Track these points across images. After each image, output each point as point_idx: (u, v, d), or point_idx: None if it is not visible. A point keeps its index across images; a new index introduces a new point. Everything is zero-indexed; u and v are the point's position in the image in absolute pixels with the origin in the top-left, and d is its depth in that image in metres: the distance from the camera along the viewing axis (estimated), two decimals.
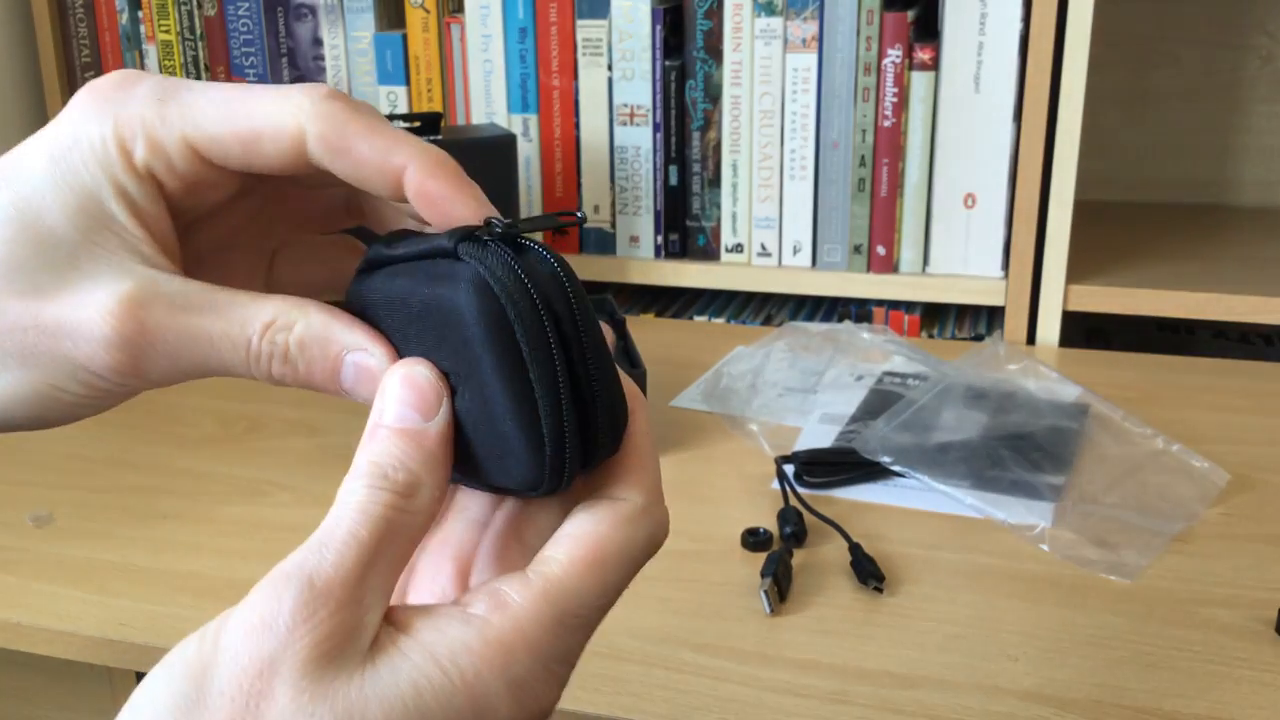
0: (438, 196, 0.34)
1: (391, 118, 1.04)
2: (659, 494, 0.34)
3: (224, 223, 0.38)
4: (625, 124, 1.19)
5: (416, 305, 0.34)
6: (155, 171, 0.34)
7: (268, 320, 0.34)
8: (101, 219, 0.33)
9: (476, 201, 0.34)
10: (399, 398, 0.33)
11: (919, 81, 1.11)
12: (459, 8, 1.23)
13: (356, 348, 0.34)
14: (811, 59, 1.13)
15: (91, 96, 0.34)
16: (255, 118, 0.33)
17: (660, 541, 0.34)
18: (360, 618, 0.29)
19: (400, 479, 0.31)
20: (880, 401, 0.97)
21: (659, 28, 1.16)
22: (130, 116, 0.33)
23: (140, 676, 0.78)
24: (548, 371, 0.32)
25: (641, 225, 1.22)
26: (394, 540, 0.31)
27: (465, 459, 0.34)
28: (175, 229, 0.35)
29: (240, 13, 1.27)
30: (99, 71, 1.33)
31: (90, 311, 0.32)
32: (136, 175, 0.34)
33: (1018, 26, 1.08)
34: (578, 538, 0.32)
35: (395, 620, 0.31)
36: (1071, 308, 1.12)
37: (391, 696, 0.29)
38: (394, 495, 0.31)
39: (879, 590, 0.73)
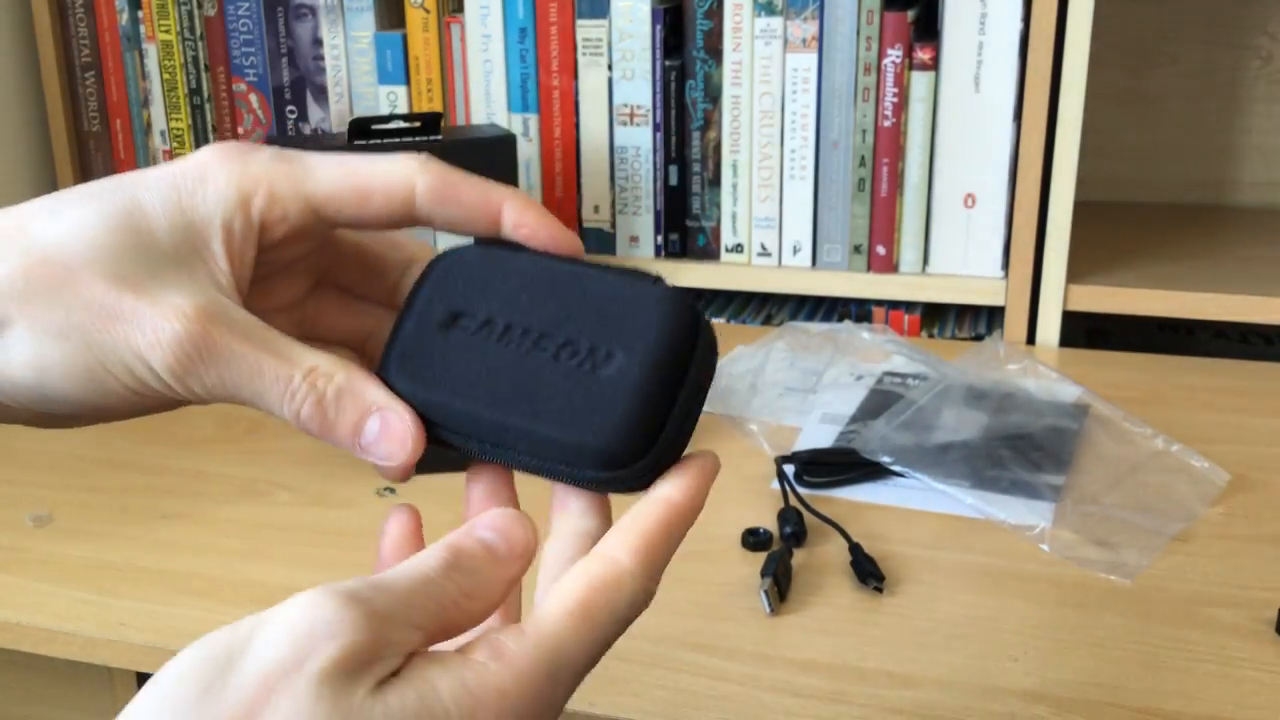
0: (535, 225, 0.39)
1: (391, 117, 1.04)
2: (654, 570, 0.36)
3: (283, 262, 0.42)
4: (625, 124, 1.19)
5: (561, 282, 0.38)
6: (267, 221, 0.38)
7: (313, 365, 0.37)
8: (199, 247, 0.37)
9: (563, 232, 0.39)
10: (502, 525, 0.36)
11: (919, 81, 1.11)
12: (459, 8, 1.23)
13: (387, 406, 0.38)
14: (811, 59, 1.13)
15: (222, 150, 0.38)
16: (370, 175, 0.39)
17: (639, 612, 0.36)
18: (387, 649, 0.31)
19: (468, 583, 0.34)
20: (880, 401, 0.97)
21: (659, 28, 1.16)
22: (257, 170, 0.38)
23: (141, 677, 0.78)
24: (694, 389, 0.37)
25: (641, 225, 1.22)
26: (439, 620, 0.33)
27: (533, 398, 0.37)
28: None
29: (240, 12, 1.27)
30: (99, 72, 1.33)
31: (166, 309, 0.35)
32: (247, 222, 0.38)
33: (1018, 26, 1.08)
34: (569, 591, 0.34)
35: (399, 666, 0.33)
36: (1071, 308, 1.12)
37: None
38: (459, 591, 0.34)
39: (879, 590, 0.73)
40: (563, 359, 0.37)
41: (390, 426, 0.37)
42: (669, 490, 0.37)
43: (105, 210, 0.37)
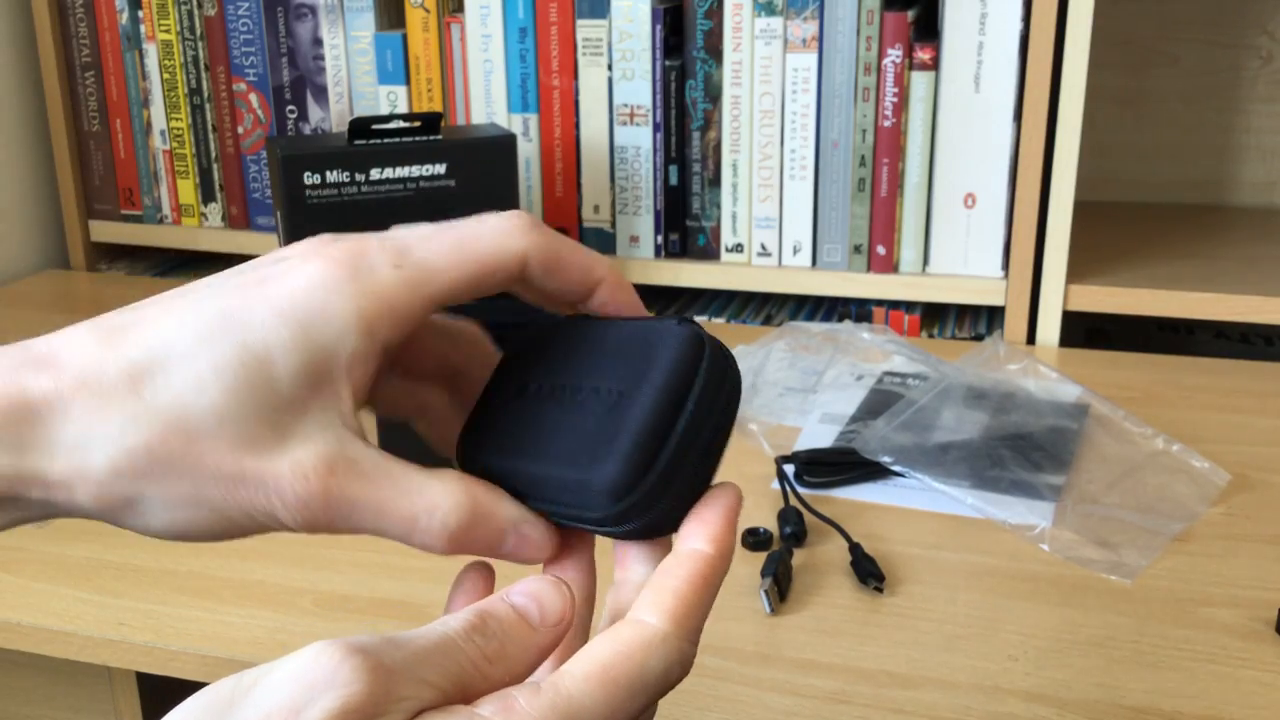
0: (622, 305, 0.40)
1: (391, 117, 1.04)
2: (692, 631, 0.35)
3: None
4: (625, 124, 1.19)
5: (599, 336, 0.39)
6: (390, 342, 0.37)
7: (434, 503, 0.37)
8: (323, 385, 0.36)
9: (644, 313, 0.40)
10: (536, 591, 0.35)
11: (919, 81, 1.11)
12: (459, 8, 1.23)
13: (522, 521, 0.38)
14: (811, 59, 1.13)
15: (331, 267, 0.36)
16: (484, 257, 0.37)
17: (677, 677, 0.34)
18: (391, 704, 0.31)
19: (491, 647, 0.33)
20: (880, 401, 0.97)
21: (659, 28, 1.16)
22: (376, 289, 0.36)
23: (141, 677, 0.78)
24: (695, 419, 0.36)
25: (641, 225, 1.22)
26: (457, 682, 0.32)
27: (557, 447, 0.37)
28: None
29: (240, 12, 1.27)
30: (99, 72, 1.33)
31: (286, 468, 0.35)
32: (370, 347, 0.36)
33: (1018, 26, 1.08)
34: (595, 654, 0.33)
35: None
36: (1071, 308, 1.12)
37: None
38: (480, 654, 0.33)
39: (879, 590, 0.73)
40: (586, 405, 0.37)
41: (527, 540, 0.38)
42: (697, 542, 0.35)
43: (219, 364, 0.35)
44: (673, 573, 0.35)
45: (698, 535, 0.36)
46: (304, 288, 0.35)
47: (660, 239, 1.22)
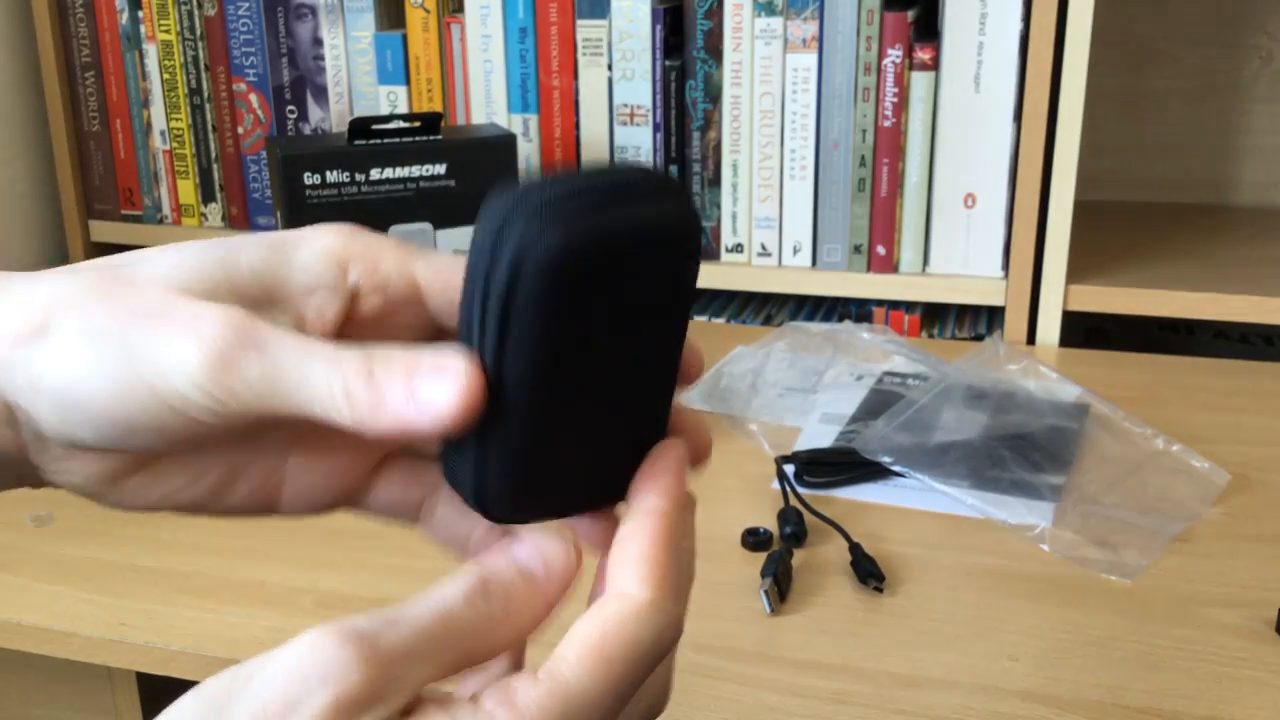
0: None
1: (391, 117, 1.04)
2: (673, 590, 0.34)
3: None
4: (625, 124, 1.19)
5: None
6: (363, 287, 0.36)
7: (365, 350, 0.33)
8: (275, 297, 0.35)
9: None
10: (540, 546, 0.34)
11: (919, 81, 1.11)
12: (459, 8, 1.23)
13: (439, 354, 0.33)
14: (811, 59, 1.13)
15: (337, 224, 0.37)
16: None
17: (670, 640, 0.34)
18: (391, 688, 0.30)
19: (495, 609, 0.33)
20: (880, 401, 0.97)
21: (659, 28, 1.16)
22: (366, 239, 0.36)
23: (141, 677, 0.78)
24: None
25: None
26: (457, 651, 0.32)
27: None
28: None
29: (240, 12, 1.27)
30: (99, 72, 1.33)
31: (208, 314, 0.33)
32: (338, 281, 0.36)
33: (1018, 26, 1.08)
34: (584, 634, 0.33)
35: (411, 707, 0.32)
36: (1071, 308, 1.12)
37: None
38: (482, 618, 0.33)
39: (879, 590, 0.73)
40: None
41: (441, 368, 0.32)
42: (649, 499, 0.35)
43: (197, 250, 0.36)
44: (637, 536, 0.34)
45: (649, 492, 0.35)
46: (304, 230, 0.37)
47: None
